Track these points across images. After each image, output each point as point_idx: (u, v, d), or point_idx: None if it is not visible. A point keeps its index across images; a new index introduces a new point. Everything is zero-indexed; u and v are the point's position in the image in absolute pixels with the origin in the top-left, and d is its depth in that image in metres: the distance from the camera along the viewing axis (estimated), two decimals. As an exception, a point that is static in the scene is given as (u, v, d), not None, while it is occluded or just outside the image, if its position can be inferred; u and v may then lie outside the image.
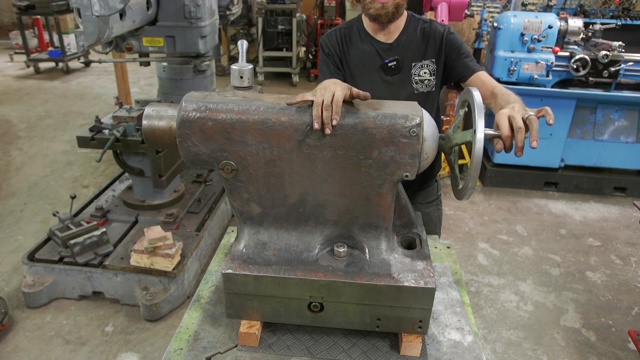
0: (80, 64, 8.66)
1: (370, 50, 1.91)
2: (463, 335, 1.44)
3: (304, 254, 1.34)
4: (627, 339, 2.95)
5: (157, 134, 1.32)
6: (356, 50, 1.93)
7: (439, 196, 2.21)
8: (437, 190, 2.19)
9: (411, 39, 1.90)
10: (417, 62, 1.91)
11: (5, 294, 3.11)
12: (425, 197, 2.13)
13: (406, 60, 1.90)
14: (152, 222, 3.37)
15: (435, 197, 2.18)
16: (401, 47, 1.90)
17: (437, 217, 2.22)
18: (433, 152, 1.29)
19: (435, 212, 2.19)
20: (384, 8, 1.77)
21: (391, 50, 1.90)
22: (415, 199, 2.10)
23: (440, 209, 2.22)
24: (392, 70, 1.90)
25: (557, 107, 4.43)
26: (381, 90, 1.92)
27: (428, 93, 1.95)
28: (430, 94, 1.95)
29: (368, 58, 1.92)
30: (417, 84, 1.92)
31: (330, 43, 1.95)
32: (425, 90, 1.94)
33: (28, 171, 4.89)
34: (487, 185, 4.84)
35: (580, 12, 4.94)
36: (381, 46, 1.90)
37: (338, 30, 1.97)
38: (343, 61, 1.95)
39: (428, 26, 1.92)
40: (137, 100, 3.64)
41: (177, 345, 1.40)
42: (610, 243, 3.99)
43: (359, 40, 1.93)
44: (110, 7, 2.42)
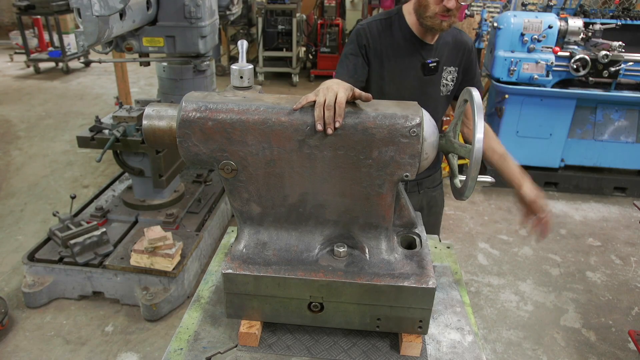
0: (80, 64, 8.66)
1: (414, 49, 1.92)
2: (463, 335, 1.44)
3: (304, 254, 1.34)
4: (627, 339, 2.95)
5: (157, 134, 1.32)
6: (395, 45, 1.92)
7: (442, 180, 2.35)
8: (441, 175, 2.32)
9: (446, 43, 1.97)
10: (447, 66, 1.98)
11: (5, 294, 3.11)
12: (432, 181, 2.25)
13: (441, 62, 1.96)
14: (152, 222, 3.37)
15: (440, 181, 2.31)
16: (439, 49, 1.95)
17: (441, 200, 2.36)
18: (433, 152, 1.29)
19: (440, 195, 2.33)
20: (441, 25, 1.80)
21: (432, 52, 1.94)
22: (424, 184, 2.21)
23: (442, 191, 2.35)
24: (431, 70, 1.94)
25: (557, 107, 4.43)
26: (413, 87, 1.96)
27: (446, 97, 2.04)
28: (447, 98, 2.05)
29: (410, 55, 1.93)
30: (443, 87, 2.00)
31: (370, 34, 1.91)
32: (445, 94, 2.03)
33: (28, 171, 4.89)
34: (487, 185, 4.84)
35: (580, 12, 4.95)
36: (425, 46, 1.93)
37: (378, 21, 1.94)
38: (377, 52, 1.93)
39: (459, 34, 2.01)
40: (137, 100, 3.64)
41: (177, 345, 1.40)
42: (610, 243, 3.99)
43: (400, 35, 1.92)
44: (110, 7, 2.41)
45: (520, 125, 4.54)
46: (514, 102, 4.44)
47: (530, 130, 4.55)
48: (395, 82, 1.96)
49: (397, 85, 1.97)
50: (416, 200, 2.21)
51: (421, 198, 2.23)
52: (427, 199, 2.25)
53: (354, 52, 1.93)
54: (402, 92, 1.97)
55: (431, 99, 1.97)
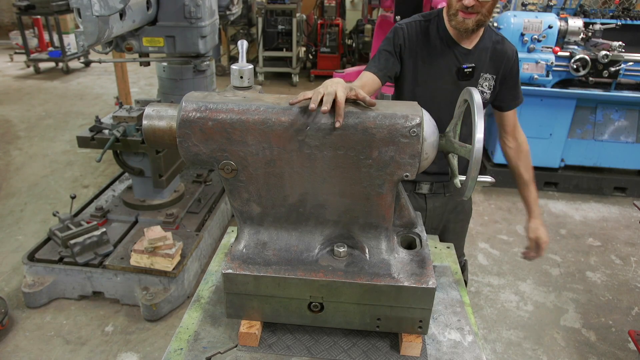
0: (80, 64, 8.67)
1: (449, 53, 1.90)
2: (463, 335, 1.44)
3: (304, 254, 1.34)
4: (627, 339, 2.95)
5: (157, 134, 1.32)
6: (435, 49, 1.91)
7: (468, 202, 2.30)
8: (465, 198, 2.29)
9: (485, 49, 1.92)
10: (485, 73, 1.94)
11: (5, 294, 3.11)
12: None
13: (478, 68, 1.92)
14: (152, 222, 3.37)
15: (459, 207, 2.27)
16: (477, 55, 1.91)
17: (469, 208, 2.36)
18: (433, 152, 1.29)
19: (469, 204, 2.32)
20: (464, 23, 1.78)
21: (469, 56, 1.91)
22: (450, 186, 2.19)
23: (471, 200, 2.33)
24: (466, 75, 1.91)
25: (557, 107, 4.43)
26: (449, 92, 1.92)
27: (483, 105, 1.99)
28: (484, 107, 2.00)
29: (445, 59, 1.91)
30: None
31: (409, 34, 1.90)
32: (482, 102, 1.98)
33: (28, 171, 4.89)
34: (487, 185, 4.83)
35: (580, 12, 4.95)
36: (461, 51, 1.90)
37: (418, 22, 1.93)
38: (412, 53, 1.91)
39: (501, 42, 1.95)
40: (137, 100, 3.64)
41: (177, 345, 1.40)
42: (610, 243, 3.99)
43: (437, 38, 1.90)
44: (110, 7, 2.41)
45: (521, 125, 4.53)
46: (514, 102, 4.44)
47: (530, 130, 4.52)
48: (428, 86, 1.93)
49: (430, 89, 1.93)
50: (441, 202, 2.15)
51: (447, 201, 2.16)
52: (454, 203, 2.17)
53: (389, 48, 1.91)
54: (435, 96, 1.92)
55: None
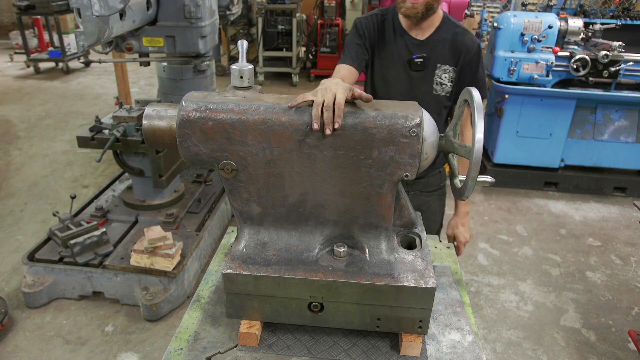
0: (80, 64, 8.66)
1: (401, 44, 1.94)
2: (463, 335, 1.44)
3: (304, 254, 1.34)
4: (627, 339, 2.95)
5: (157, 134, 1.32)
6: (389, 41, 1.95)
7: (442, 187, 2.23)
8: (441, 181, 2.22)
9: (442, 40, 1.93)
10: (442, 64, 1.94)
11: (5, 294, 3.11)
12: (426, 185, 2.18)
13: (432, 59, 1.93)
14: (152, 222, 3.37)
15: (437, 187, 2.21)
16: (431, 45, 1.93)
17: (437, 208, 2.25)
18: (433, 152, 1.29)
19: (436, 202, 2.23)
20: (413, 8, 1.80)
21: (420, 47, 1.93)
22: (415, 186, 2.16)
23: (442, 200, 2.26)
24: (417, 66, 1.93)
25: (557, 107, 4.43)
26: (403, 84, 1.95)
27: (445, 98, 1.99)
28: (446, 99, 2.00)
29: (397, 51, 1.94)
30: (437, 85, 1.97)
31: (367, 26, 1.95)
32: (442, 95, 1.98)
33: (28, 171, 4.89)
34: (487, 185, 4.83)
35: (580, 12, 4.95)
36: (412, 41, 1.93)
37: (375, 16, 1.98)
38: (374, 47, 1.96)
39: (461, 34, 1.94)
40: (137, 100, 3.64)
41: (177, 345, 1.40)
42: (610, 243, 3.99)
43: (392, 31, 1.95)
44: (110, 7, 2.41)
45: (520, 125, 4.54)
46: (514, 102, 4.44)
47: (530, 130, 4.55)
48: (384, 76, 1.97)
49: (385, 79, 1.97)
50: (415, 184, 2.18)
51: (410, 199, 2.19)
52: (417, 202, 2.15)
53: (356, 40, 1.96)
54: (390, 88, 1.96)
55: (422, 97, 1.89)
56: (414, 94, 1.93)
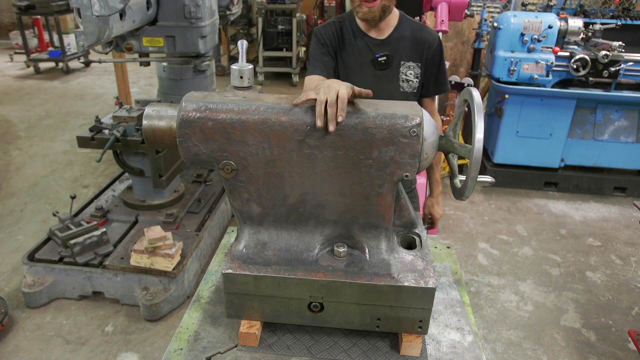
0: (80, 64, 8.66)
1: (363, 46, 1.97)
2: (463, 335, 1.44)
3: (304, 254, 1.34)
4: (627, 339, 2.95)
5: (157, 134, 1.32)
6: (349, 45, 1.99)
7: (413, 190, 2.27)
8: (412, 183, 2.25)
9: (402, 38, 1.98)
10: (405, 61, 1.99)
11: (5, 294, 3.11)
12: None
13: (396, 57, 1.98)
14: (152, 222, 3.37)
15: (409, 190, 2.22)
16: (392, 44, 1.97)
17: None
18: (433, 152, 1.29)
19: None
20: (370, 12, 1.85)
21: (382, 46, 1.97)
22: None
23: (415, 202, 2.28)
24: (381, 64, 1.97)
25: (557, 107, 4.43)
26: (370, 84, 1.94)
27: (411, 94, 2.03)
28: (412, 95, 2.04)
29: (359, 53, 1.98)
30: (403, 83, 2.01)
31: (326, 34, 1.99)
32: (409, 91, 2.02)
33: (28, 171, 4.89)
34: (487, 185, 4.84)
35: (580, 12, 4.94)
36: (373, 42, 1.97)
37: (332, 23, 2.02)
38: (337, 53, 2.00)
39: (419, 30, 2.00)
40: (137, 100, 3.64)
41: (177, 345, 1.40)
42: (610, 243, 3.99)
43: (351, 35, 1.99)
44: (110, 7, 2.41)
45: (520, 125, 4.54)
46: (514, 102, 4.44)
47: (530, 130, 4.55)
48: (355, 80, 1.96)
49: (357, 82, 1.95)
50: None
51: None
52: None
53: (320, 50, 1.99)
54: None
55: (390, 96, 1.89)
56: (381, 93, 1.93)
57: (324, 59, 1.97)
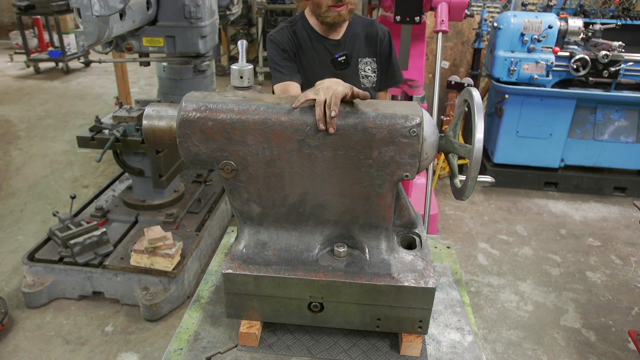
0: (80, 64, 8.66)
1: (320, 47, 2.00)
2: (463, 335, 1.44)
3: (304, 254, 1.34)
4: (627, 339, 2.95)
5: (157, 134, 1.32)
6: (307, 48, 2.01)
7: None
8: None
9: (356, 36, 2.02)
10: (362, 58, 2.03)
11: (5, 294, 3.11)
12: None
13: (353, 56, 2.02)
14: (152, 222, 3.37)
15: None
16: (348, 43, 2.01)
17: None
18: (433, 152, 1.29)
19: None
20: (340, 16, 1.88)
21: (339, 46, 2.01)
22: None
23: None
24: (341, 64, 2.00)
25: (557, 107, 4.43)
26: None
27: (371, 89, 2.07)
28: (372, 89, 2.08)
29: (318, 54, 2.00)
30: (363, 79, 2.05)
31: (283, 39, 1.99)
32: (369, 86, 2.06)
33: (28, 171, 4.89)
34: (487, 185, 4.84)
35: (580, 12, 4.94)
36: (330, 43, 2.00)
37: (286, 27, 2.02)
38: (296, 56, 2.01)
39: (370, 25, 2.05)
40: (137, 100, 3.64)
41: (177, 345, 1.40)
42: (610, 243, 3.99)
43: (307, 38, 2.00)
44: (110, 7, 2.41)
45: (520, 125, 4.54)
46: (514, 102, 4.44)
47: (530, 130, 4.55)
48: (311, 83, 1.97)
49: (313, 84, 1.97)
50: None
51: None
52: None
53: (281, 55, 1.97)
54: None
55: None
56: None
57: (288, 64, 1.96)
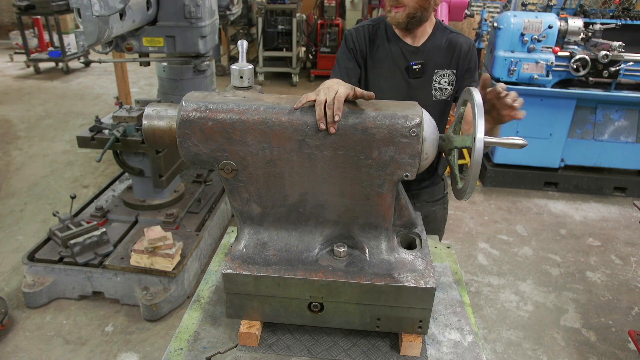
0: (80, 64, 8.67)
1: (397, 51, 1.93)
2: (463, 335, 1.44)
3: (304, 254, 1.34)
4: (627, 339, 2.95)
5: (157, 134, 1.32)
6: (382, 49, 1.94)
7: (445, 195, 2.23)
8: (444, 189, 2.21)
9: (437, 46, 1.93)
10: (439, 69, 1.94)
11: (5, 294, 3.11)
12: (432, 195, 2.16)
13: (430, 65, 1.93)
14: (152, 222, 3.37)
15: (442, 195, 2.20)
16: (427, 52, 1.92)
17: (442, 217, 2.24)
18: (433, 152, 1.29)
19: (441, 211, 2.21)
20: (395, 17, 1.82)
21: (417, 54, 1.92)
22: (421, 197, 2.13)
23: (446, 208, 2.24)
24: (416, 72, 1.92)
25: (557, 107, 4.43)
26: (401, 91, 1.94)
27: (445, 102, 1.99)
28: (447, 103, 2.00)
29: (393, 58, 1.93)
30: (436, 91, 1.96)
31: (357, 39, 1.94)
32: (442, 99, 1.98)
33: (28, 171, 4.89)
34: (487, 185, 4.84)
35: (580, 12, 4.94)
36: (408, 48, 1.92)
37: (366, 26, 1.97)
38: (367, 58, 1.95)
39: (455, 37, 1.95)
40: (137, 100, 3.64)
41: (177, 345, 1.40)
42: (610, 243, 3.99)
43: (385, 39, 1.94)
44: (110, 7, 2.41)
45: (520, 125, 4.54)
46: (514, 102, 4.44)
47: (530, 130, 4.55)
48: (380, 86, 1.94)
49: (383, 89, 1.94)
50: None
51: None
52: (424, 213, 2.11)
53: (345, 55, 1.95)
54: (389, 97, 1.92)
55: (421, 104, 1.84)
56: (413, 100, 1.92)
57: (348, 66, 1.93)
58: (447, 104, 2.01)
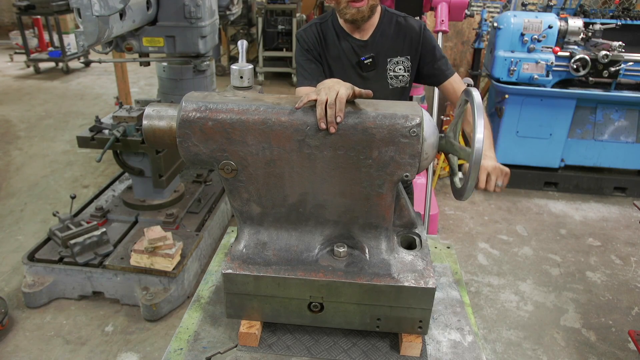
0: (80, 64, 8.66)
1: (347, 47, 1.93)
2: (463, 335, 1.44)
3: (304, 254, 1.34)
4: (627, 339, 2.95)
5: (157, 134, 1.32)
6: (333, 47, 1.94)
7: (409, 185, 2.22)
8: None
9: (386, 35, 1.92)
10: (392, 57, 1.93)
11: (5, 294, 3.11)
12: None
13: (381, 56, 1.93)
14: (152, 222, 3.37)
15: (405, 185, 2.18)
16: (376, 43, 1.92)
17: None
18: (433, 152, 1.29)
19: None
20: (359, 12, 1.80)
21: (366, 47, 1.92)
22: None
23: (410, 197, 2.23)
24: (368, 67, 1.92)
25: (557, 107, 4.43)
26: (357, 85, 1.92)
27: (402, 89, 1.98)
28: (404, 89, 1.99)
29: (344, 54, 1.94)
30: (392, 80, 1.95)
31: (308, 38, 1.94)
32: (399, 86, 1.97)
33: (28, 171, 4.89)
34: (487, 185, 4.83)
35: (580, 12, 4.94)
36: (357, 43, 1.92)
37: (314, 25, 1.97)
38: (322, 56, 1.96)
39: (403, 21, 1.93)
40: (137, 100, 3.64)
41: (177, 345, 1.40)
42: (610, 243, 3.99)
43: (335, 36, 1.94)
44: (110, 7, 2.41)
45: (520, 125, 4.55)
46: (514, 102, 4.44)
47: (530, 130, 4.55)
48: None
49: None
50: None
51: None
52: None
53: (305, 56, 1.94)
54: None
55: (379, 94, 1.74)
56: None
57: (311, 67, 1.92)
58: (405, 90, 1.99)
